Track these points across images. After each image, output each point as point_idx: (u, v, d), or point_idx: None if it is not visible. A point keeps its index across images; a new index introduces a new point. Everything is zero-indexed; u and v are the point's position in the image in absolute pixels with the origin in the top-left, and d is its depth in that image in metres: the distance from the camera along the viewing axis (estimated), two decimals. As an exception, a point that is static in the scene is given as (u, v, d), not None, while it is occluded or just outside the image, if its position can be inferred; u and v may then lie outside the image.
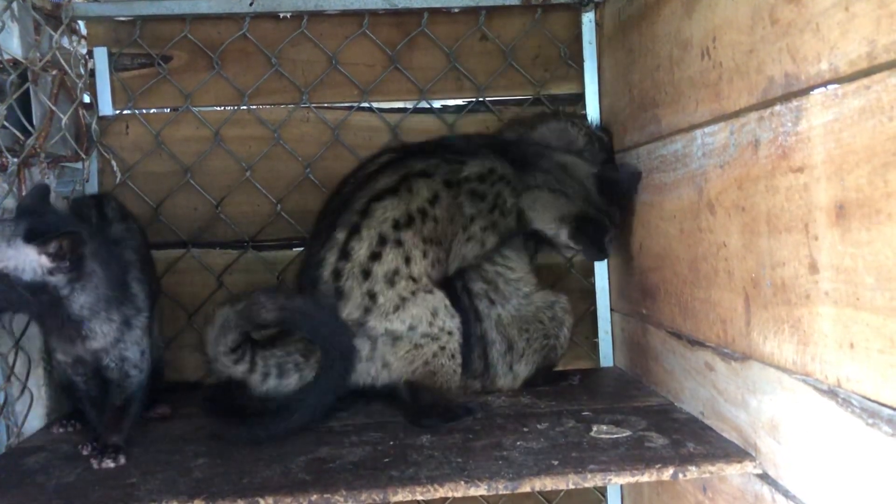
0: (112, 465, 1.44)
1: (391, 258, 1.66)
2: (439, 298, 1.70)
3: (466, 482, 1.29)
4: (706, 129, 1.44)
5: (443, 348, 1.68)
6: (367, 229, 1.67)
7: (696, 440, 1.44)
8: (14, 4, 1.72)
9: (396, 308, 1.66)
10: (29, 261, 1.36)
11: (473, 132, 2.16)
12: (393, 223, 1.67)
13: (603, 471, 1.32)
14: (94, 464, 1.44)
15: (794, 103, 1.13)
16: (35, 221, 1.39)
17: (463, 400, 1.74)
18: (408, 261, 1.67)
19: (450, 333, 1.69)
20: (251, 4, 2.04)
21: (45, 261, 1.37)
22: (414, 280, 1.67)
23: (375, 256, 1.66)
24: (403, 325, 1.66)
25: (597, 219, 1.86)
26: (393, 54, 2.15)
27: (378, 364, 1.68)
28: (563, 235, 1.86)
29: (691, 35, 1.49)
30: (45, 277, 1.38)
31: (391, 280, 1.65)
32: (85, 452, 1.50)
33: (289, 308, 1.62)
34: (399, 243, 1.66)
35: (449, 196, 1.74)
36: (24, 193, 1.73)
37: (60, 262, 1.38)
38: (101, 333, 1.49)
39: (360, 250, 1.66)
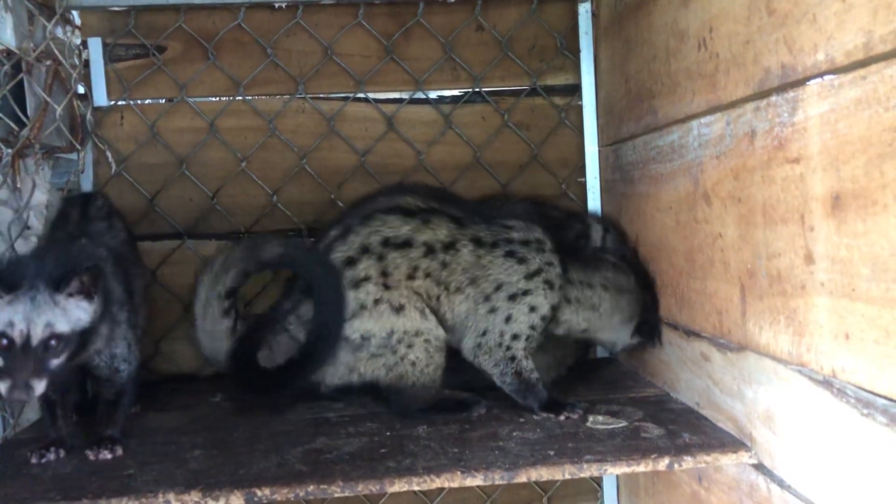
0: (109, 455, 1.43)
1: (364, 267, 1.61)
2: (404, 322, 1.61)
3: (463, 472, 1.30)
4: (702, 120, 1.44)
5: (403, 358, 1.61)
6: (355, 235, 1.63)
7: (691, 430, 1.44)
8: (7, -6, 1.71)
9: (352, 316, 1.61)
10: (76, 310, 1.37)
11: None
12: (383, 240, 1.62)
13: (599, 461, 1.32)
14: (91, 455, 1.43)
15: (791, 94, 1.13)
16: (52, 266, 1.37)
17: (449, 394, 1.67)
18: (384, 274, 1.61)
19: (409, 346, 1.61)
20: (246, -6, 2.03)
21: (80, 302, 1.37)
22: (386, 288, 1.61)
23: (350, 262, 1.62)
24: (356, 334, 1.61)
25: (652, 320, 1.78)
26: (389, 45, 2.14)
27: (342, 368, 1.65)
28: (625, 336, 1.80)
29: (688, 25, 1.48)
30: (91, 317, 1.39)
31: (356, 286, 1.61)
32: (33, 461, 1.43)
33: (292, 246, 1.71)
34: (381, 258, 1.61)
35: (473, 253, 1.65)
36: (18, 185, 1.72)
37: (90, 296, 1.38)
38: (100, 336, 1.47)
39: (339, 253, 1.63)
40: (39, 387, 1.29)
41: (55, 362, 1.33)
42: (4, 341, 1.30)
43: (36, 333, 1.31)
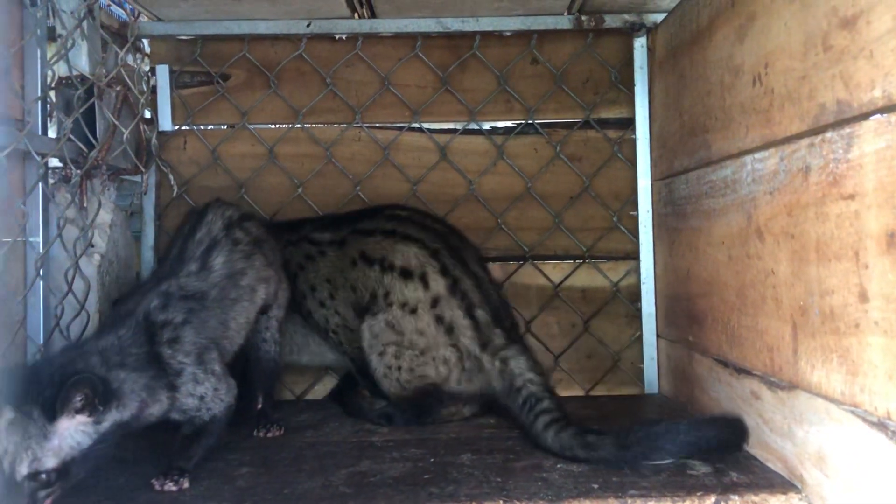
0: (174, 488, 1.38)
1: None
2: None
3: (505, 501, 1.29)
4: (756, 156, 1.43)
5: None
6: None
7: (739, 469, 1.41)
8: (84, 23, 1.80)
9: None
10: (75, 435, 1.28)
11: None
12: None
13: (643, 496, 1.31)
14: (156, 485, 1.38)
15: (846, 130, 1.12)
16: (47, 384, 1.27)
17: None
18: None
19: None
20: (308, 26, 2.09)
21: (83, 421, 1.29)
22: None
23: None
24: None
25: None
26: (444, 76, 2.18)
27: None
28: None
29: (743, 61, 1.48)
30: (100, 429, 1.31)
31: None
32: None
33: None
34: None
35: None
36: (84, 205, 1.79)
37: (95, 410, 1.30)
38: (150, 410, 1.42)
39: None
40: None
41: (45, 494, 1.25)
42: None
43: (20, 470, 1.23)
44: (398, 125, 2.20)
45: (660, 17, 2.08)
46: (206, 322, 1.55)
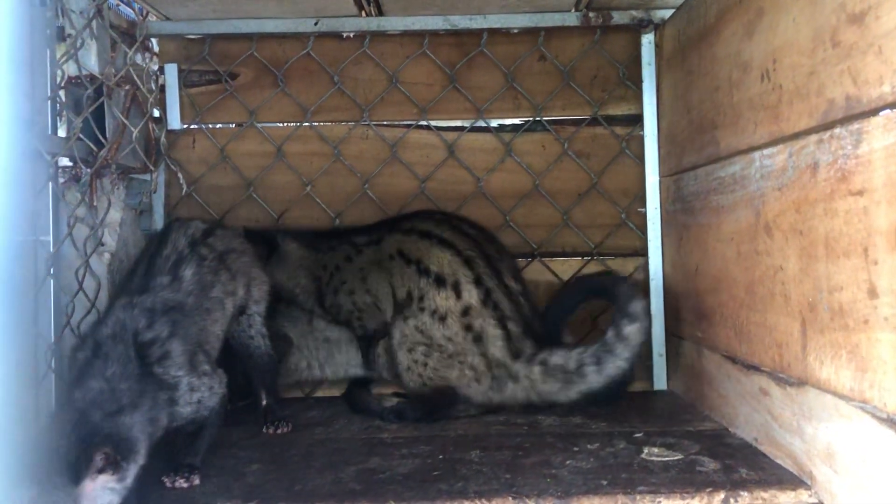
0: (185, 485, 1.40)
1: None
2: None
3: (514, 498, 1.30)
4: (765, 152, 1.43)
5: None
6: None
7: (748, 466, 1.41)
8: (93, 23, 1.81)
9: None
10: (103, 495, 1.25)
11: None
12: None
13: (653, 493, 1.31)
14: (167, 482, 1.40)
15: (855, 126, 1.12)
16: (66, 449, 1.24)
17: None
18: None
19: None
20: (316, 24, 2.10)
21: (106, 480, 1.25)
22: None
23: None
24: None
25: None
26: (452, 73, 2.18)
27: None
28: None
29: (751, 57, 1.48)
30: (126, 485, 1.28)
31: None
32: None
33: None
34: None
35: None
36: (94, 203, 1.80)
37: (118, 467, 1.27)
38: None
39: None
40: None
41: None
42: None
43: None
44: (406, 123, 2.21)
45: (668, 14, 2.07)
46: (188, 330, 1.53)
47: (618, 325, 1.77)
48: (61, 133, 1.75)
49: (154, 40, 2.15)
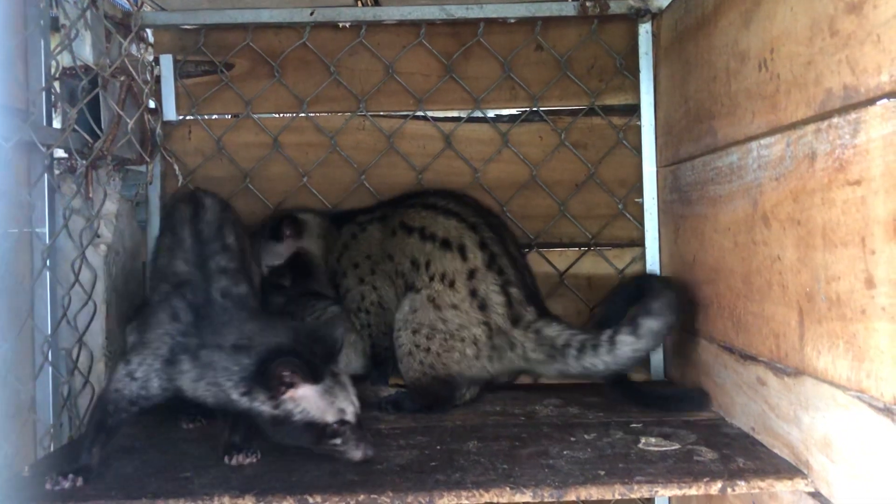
0: (246, 461, 1.46)
1: None
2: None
3: (512, 488, 1.30)
4: (762, 142, 1.43)
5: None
6: None
7: (746, 455, 1.42)
8: (88, 13, 1.80)
9: None
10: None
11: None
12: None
13: (650, 482, 1.31)
14: (227, 460, 1.46)
15: (853, 115, 1.11)
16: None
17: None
18: None
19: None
20: (312, 14, 2.09)
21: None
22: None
23: None
24: None
25: None
26: (449, 64, 2.18)
27: None
28: None
29: (749, 46, 1.47)
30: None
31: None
32: (48, 487, 1.34)
33: None
34: None
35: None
36: (90, 195, 1.79)
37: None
38: None
39: None
40: None
41: None
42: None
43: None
44: (402, 113, 2.20)
45: (665, 3, 2.06)
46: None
47: (616, 332, 1.72)
48: (56, 124, 1.74)
49: (149, 31, 2.14)
